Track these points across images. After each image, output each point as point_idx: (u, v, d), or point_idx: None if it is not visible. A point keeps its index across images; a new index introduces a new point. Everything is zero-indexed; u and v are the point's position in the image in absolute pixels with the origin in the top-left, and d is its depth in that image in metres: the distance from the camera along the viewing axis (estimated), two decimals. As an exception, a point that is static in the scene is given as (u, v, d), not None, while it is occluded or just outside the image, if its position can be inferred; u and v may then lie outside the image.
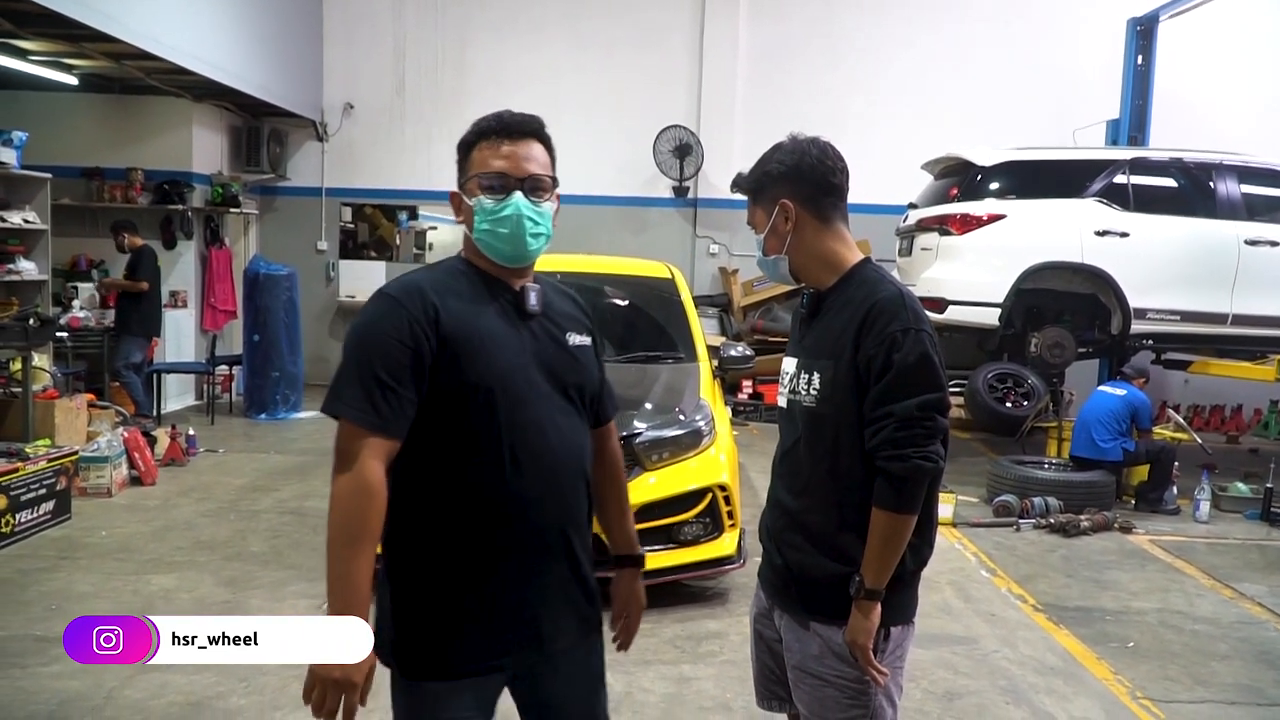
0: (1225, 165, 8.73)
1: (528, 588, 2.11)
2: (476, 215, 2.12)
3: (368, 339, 2.00)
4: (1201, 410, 11.76)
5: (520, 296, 2.15)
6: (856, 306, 2.21)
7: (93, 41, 8.54)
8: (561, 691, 2.24)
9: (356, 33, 12.86)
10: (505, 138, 2.13)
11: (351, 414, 1.95)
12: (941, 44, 12.46)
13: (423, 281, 2.08)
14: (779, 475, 2.42)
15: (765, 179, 2.34)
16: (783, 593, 2.36)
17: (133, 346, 9.43)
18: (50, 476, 6.29)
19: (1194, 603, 5.70)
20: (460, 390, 2.02)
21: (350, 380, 1.97)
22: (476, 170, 2.13)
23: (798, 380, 2.32)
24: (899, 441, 2.11)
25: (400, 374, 1.97)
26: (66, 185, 10.23)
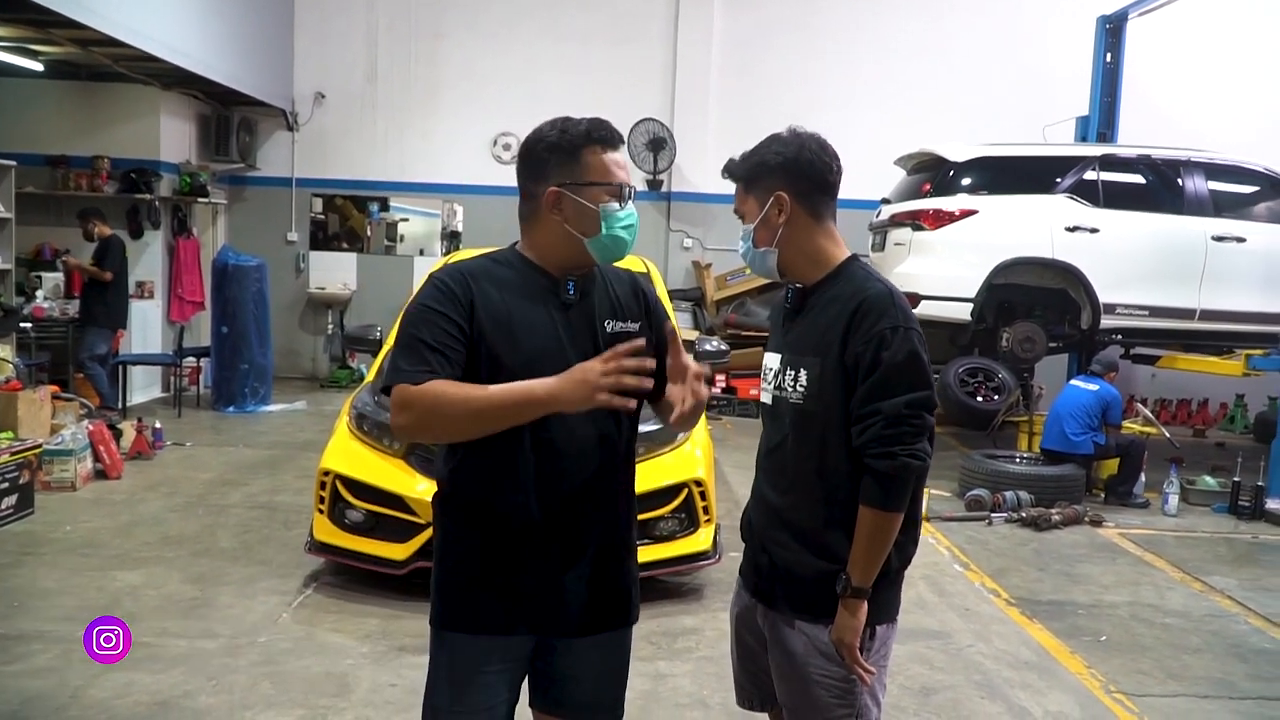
0: (1193, 162, 8.83)
1: (549, 567, 2.20)
2: (605, 220, 2.19)
3: (415, 315, 2.13)
4: (1168, 404, 11.88)
5: (559, 286, 2.22)
6: (844, 303, 2.20)
7: (60, 28, 8.39)
8: (575, 670, 2.30)
9: (328, 21, 12.71)
10: (613, 147, 2.24)
11: (408, 376, 2.05)
12: (914, 39, 12.49)
13: (465, 267, 2.20)
14: (763, 472, 2.40)
15: (761, 169, 2.30)
16: (767, 590, 2.34)
17: (98, 338, 9.29)
18: (13, 470, 6.18)
19: (1165, 596, 5.75)
20: (490, 374, 2.09)
21: (404, 353, 2.09)
22: (600, 177, 2.19)
23: (783, 377, 2.29)
24: (887, 439, 2.11)
25: (447, 340, 2.09)
26: (31, 173, 10.07)
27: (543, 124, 2.24)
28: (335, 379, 12.47)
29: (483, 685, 2.23)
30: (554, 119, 2.23)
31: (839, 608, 2.18)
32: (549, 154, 2.20)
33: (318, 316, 13.03)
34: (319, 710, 3.92)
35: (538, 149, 2.21)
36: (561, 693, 2.33)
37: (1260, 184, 9.06)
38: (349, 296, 12.84)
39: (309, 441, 8.87)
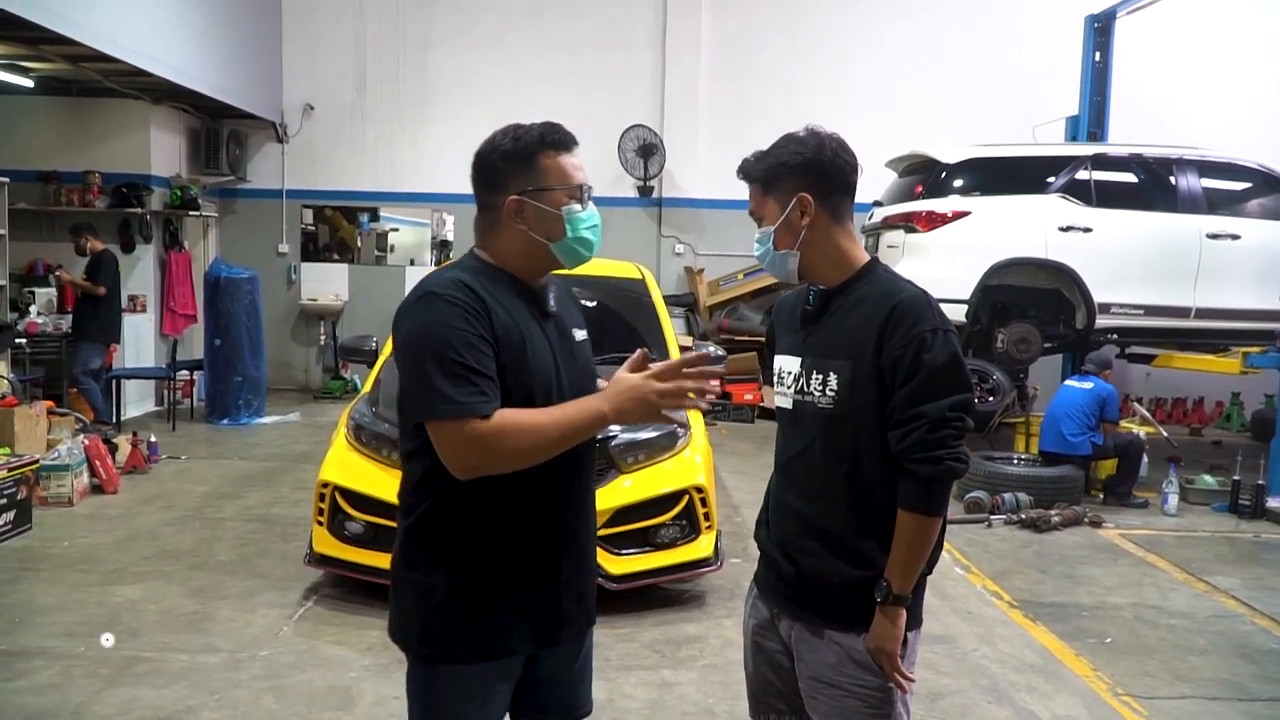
0: (1186, 160, 8.84)
1: (548, 581, 2.18)
2: (570, 223, 2.16)
3: (444, 336, 1.99)
4: (1164, 403, 11.92)
5: (540, 296, 2.22)
6: (874, 305, 2.16)
7: (50, 44, 8.37)
8: (555, 675, 2.31)
9: (316, 33, 12.70)
10: (568, 149, 2.20)
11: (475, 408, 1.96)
12: (904, 40, 12.52)
13: (464, 279, 2.09)
14: (786, 478, 2.32)
15: (781, 169, 2.24)
16: (793, 601, 2.28)
17: (91, 353, 9.25)
18: (11, 486, 6.14)
19: (1168, 597, 5.74)
20: (508, 394, 2.05)
21: (450, 378, 1.97)
22: (558, 181, 2.16)
23: (808, 381, 2.23)
24: (930, 443, 2.07)
25: (488, 365, 2.01)
26: (23, 189, 10.03)
27: (494, 134, 2.20)
28: (328, 390, 12.43)
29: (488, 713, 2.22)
30: (504, 127, 2.20)
31: (878, 616, 2.14)
32: (504, 162, 2.16)
33: (310, 328, 12.99)
34: (323, 724, 3.90)
35: (492, 159, 2.17)
36: (547, 698, 2.32)
37: (1254, 181, 9.07)
38: (341, 308, 12.81)
39: (304, 453, 8.84)
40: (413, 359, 2.02)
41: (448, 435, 1.99)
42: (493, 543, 2.13)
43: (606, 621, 4.87)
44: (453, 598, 2.13)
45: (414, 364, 2.01)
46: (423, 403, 1.99)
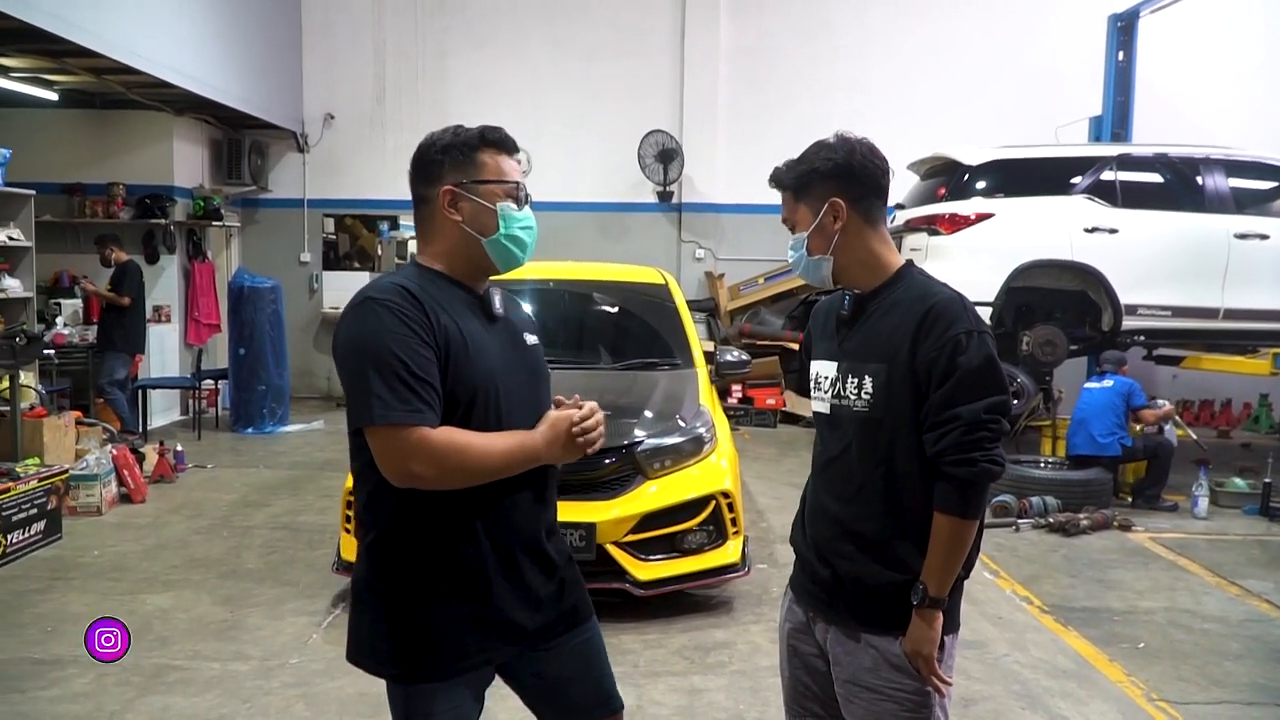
0: (1212, 159, 8.74)
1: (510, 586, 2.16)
2: (503, 220, 2.16)
3: (385, 343, 1.98)
4: (1190, 405, 11.80)
5: (485, 301, 2.22)
6: (908, 308, 2.17)
7: (74, 57, 8.44)
8: (563, 676, 2.31)
9: (336, 43, 12.77)
10: (507, 151, 2.21)
11: (414, 418, 1.96)
12: (923, 43, 12.48)
13: (402, 283, 2.08)
14: (824, 482, 2.32)
15: (813, 176, 2.26)
16: (829, 604, 2.28)
17: (116, 363, 9.31)
18: (41, 496, 6.19)
19: (1201, 601, 5.69)
20: (450, 395, 2.05)
21: (390, 385, 1.96)
22: (494, 175, 2.17)
23: (843, 385, 2.24)
24: (966, 445, 2.07)
25: (430, 370, 2.00)
26: (48, 202, 10.09)
27: (433, 132, 2.22)
28: (352, 398, 12.44)
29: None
30: (445, 128, 2.22)
31: (914, 619, 2.14)
32: (443, 155, 2.17)
33: (332, 336, 13.01)
34: (355, 732, 3.90)
35: (430, 152, 2.18)
36: (565, 697, 2.33)
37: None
38: (364, 316, 12.82)
39: (328, 461, 8.87)
40: (352, 367, 2.01)
41: (385, 441, 1.97)
42: (449, 557, 2.11)
43: (634, 627, 4.90)
44: (417, 616, 2.11)
45: (353, 372, 2.00)
46: (362, 409, 1.99)
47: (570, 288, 6.96)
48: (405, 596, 2.11)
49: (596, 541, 4.89)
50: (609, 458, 5.05)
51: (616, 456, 5.08)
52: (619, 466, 5.08)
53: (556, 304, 6.83)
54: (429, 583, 2.11)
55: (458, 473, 2.01)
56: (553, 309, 6.74)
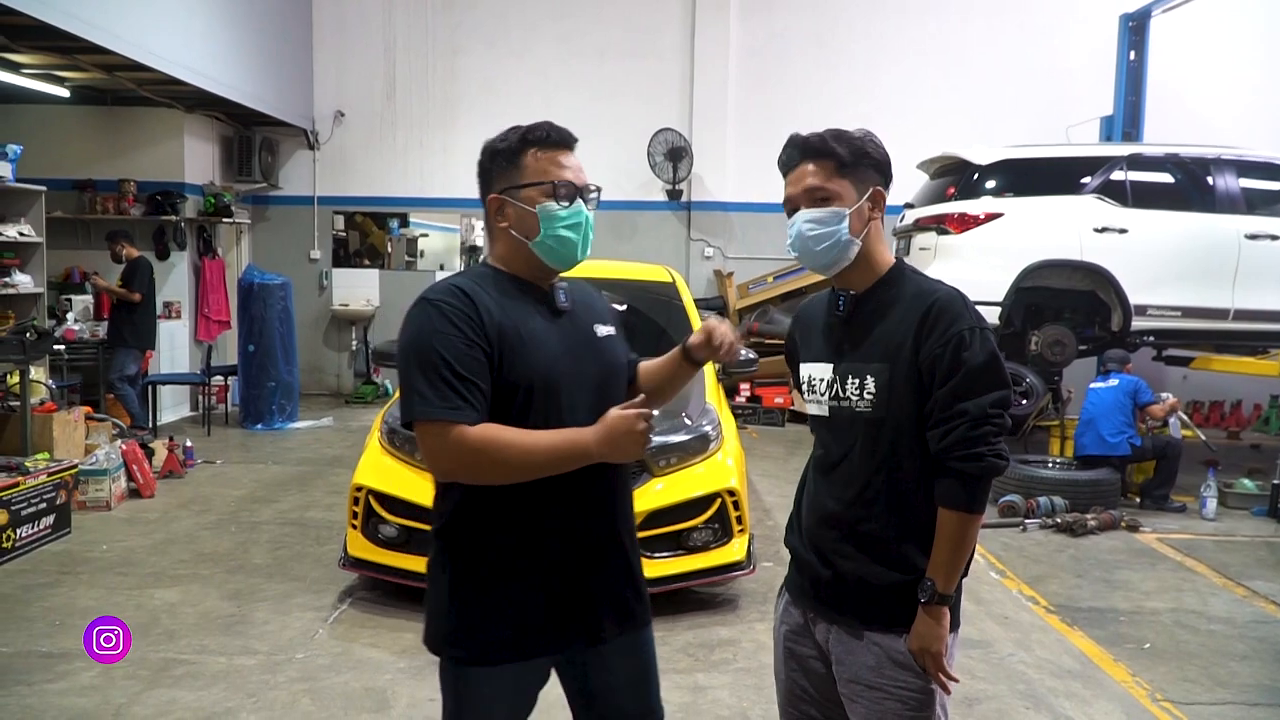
0: (1223, 160, 8.71)
1: (574, 581, 2.19)
2: (544, 221, 2.18)
3: (433, 342, 2.04)
4: (1200, 406, 11.74)
5: (550, 295, 2.25)
6: (908, 306, 2.16)
7: (85, 54, 8.47)
8: (610, 682, 2.31)
9: (347, 40, 12.80)
10: (559, 148, 2.22)
11: (454, 414, 2.01)
12: (933, 43, 12.45)
13: (459, 284, 2.14)
14: (825, 485, 2.29)
15: (864, 157, 2.22)
16: (831, 604, 2.26)
17: (127, 359, 9.35)
18: (50, 490, 6.22)
19: (1208, 602, 5.67)
20: (506, 388, 2.09)
21: (434, 384, 2.02)
22: (536, 178, 2.18)
23: (843, 386, 2.22)
24: (972, 440, 2.06)
25: (475, 369, 2.05)
26: (59, 198, 10.15)
27: (491, 137, 2.25)
28: (360, 395, 12.51)
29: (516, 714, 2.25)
30: (504, 130, 2.24)
31: (921, 616, 2.13)
32: (492, 161, 2.23)
33: (342, 333, 13.08)
34: (360, 727, 3.92)
35: (483, 159, 2.24)
36: (606, 707, 2.33)
37: (1293, 181, 8.94)
38: (372, 313, 12.89)
39: (337, 457, 8.90)
40: (403, 364, 2.09)
41: (426, 437, 2.04)
42: (517, 546, 2.15)
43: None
44: (478, 600, 2.16)
45: (404, 369, 2.08)
46: (407, 405, 2.06)
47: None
48: (465, 580, 2.17)
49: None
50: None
51: (622, 454, 5.08)
52: (625, 464, 5.08)
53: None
54: (489, 569, 2.15)
55: (495, 469, 2.05)
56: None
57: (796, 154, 2.25)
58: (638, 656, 2.35)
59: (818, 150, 2.22)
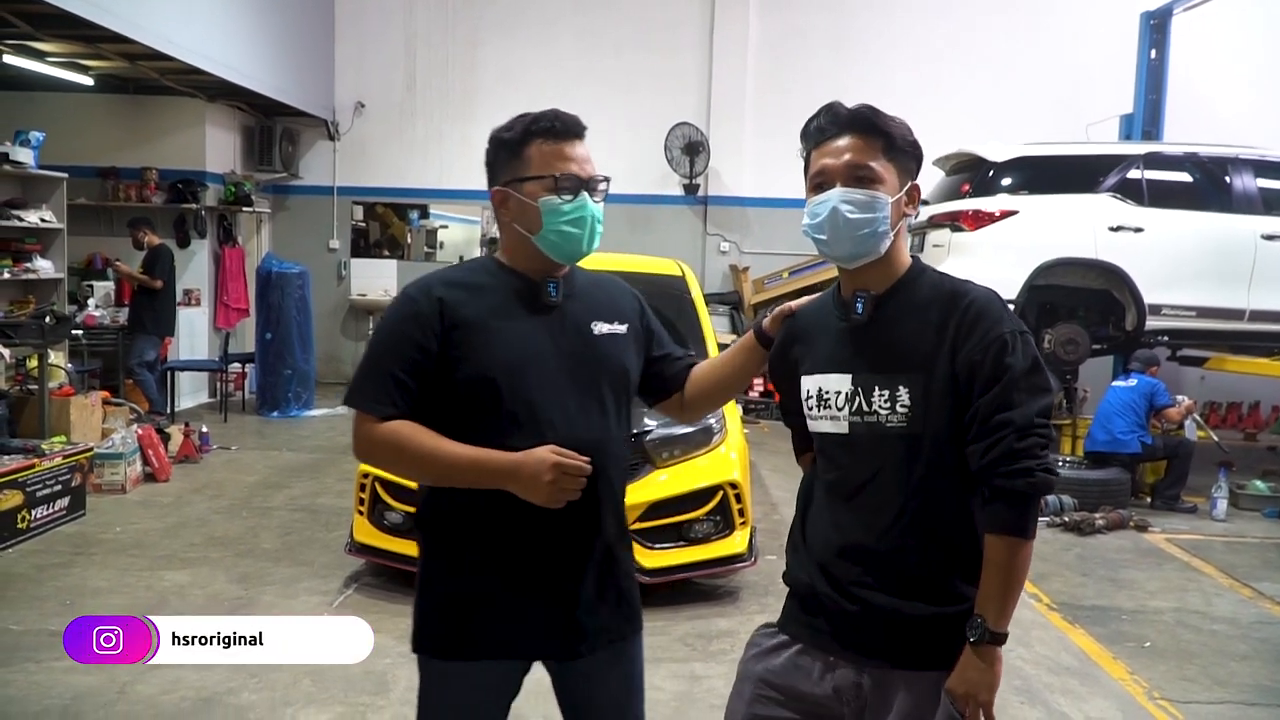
0: (1242, 159, 8.65)
1: (548, 588, 2.14)
2: (546, 215, 2.13)
3: (383, 336, 2.14)
4: (1217, 407, 11.67)
5: (539, 289, 2.18)
6: (941, 308, 1.96)
7: (108, 43, 8.59)
8: (595, 693, 2.27)
9: (367, 31, 12.87)
10: (565, 139, 2.15)
11: (369, 407, 2.09)
12: (952, 40, 12.39)
13: (438, 277, 2.18)
14: (845, 513, 2.02)
15: (911, 146, 2.04)
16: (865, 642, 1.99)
17: (146, 345, 9.46)
18: (66, 473, 6.32)
19: (1212, 602, 5.66)
20: (469, 381, 2.09)
21: (368, 376, 2.12)
22: (540, 170, 2.13)
23: (868, 400, 1.97)
24: (1019, 454, 1.84)
25: (410, 368, 2.09)
26: (82, 185, 10.28)
27: (498, 126, 2.20)
28: (377, 384, 12.57)
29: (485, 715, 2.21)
30: (513, 118, 2.19)
31: (970, 658, 1.88)
32: (497, 153, 2.19)
33: (359, 323, 13.17)
34: (358, 707, 3.98)
35: (489, 150, 2.21)
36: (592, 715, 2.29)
37: (1313, 181, 8.86)
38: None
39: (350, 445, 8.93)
40: (367, 346, 2.21)
41: (354, 422, 2.13)
42: (484, 542, 2.11)
43: (639, 614, 4.93)
44: (443, 592, 2.15)
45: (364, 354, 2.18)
46: (348, 390, 2.15)
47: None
48: (438, 573, 2.17)
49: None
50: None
51: (625, 445, 5.13)
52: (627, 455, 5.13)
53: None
54: (456, 562, 2.15)
55: (395, 466, 2.23)
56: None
57: (839, 124, 2.02)
58: (624, 666, 2.29)
59: (868, 124, 2.00)
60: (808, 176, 2.07)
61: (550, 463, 1.99)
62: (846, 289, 2.07)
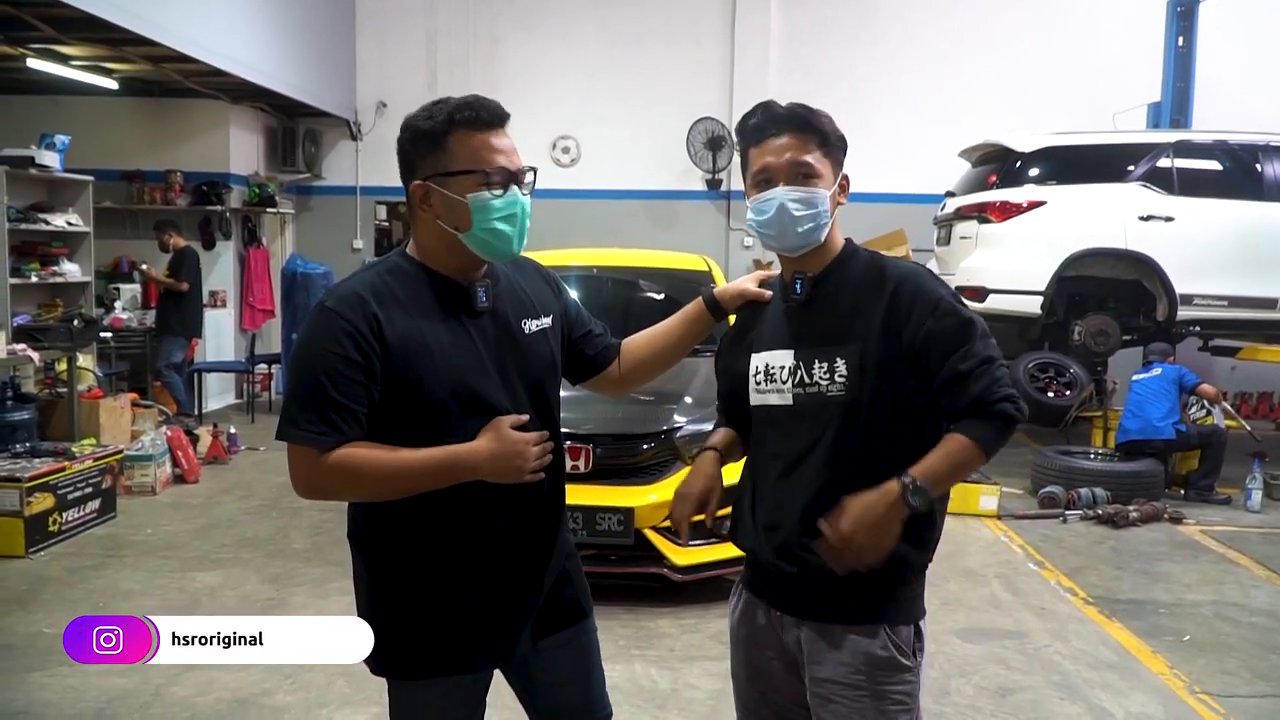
0: (1272, 146, 8.54)
1: (487, 593, 2.09)
2: (476, 213, 2.00)
3: (314, 358, 1.93)
4: (1249, 397, 11.53)
5: (469, 295, 2.07)
6: (872, 285, 2.09)
7: (133, 45, 8.62)
8: (553, 678, 2.25)
9: (388, 31, 12.87)
10: (489, 128, 2.03)
11: (312, 439, 1.91)
12: (977, 30, 12.24)
13: (361, 289, 1.98)
14: (785, 482, 2.13)
15: (840, 140, 2.17)
16: (799, 602, 2.14)
17: (174, 346, 9.51)
18: (96, 475, 6.36)
19: (1249, 594, 5.58)
20: (411, 402, 1.98)
21: (304, 403, 1.92)
22: (466, 164, 2.00)
23: (808, 372, 2.10)
24: (1001, 382, 1.99)
25: (350, 391, 1.92)
26: (107, 188, 10.34)
27: (412, 114, 2.06)
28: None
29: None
30: (429, 103, 2.05)
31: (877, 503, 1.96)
32: (415, 144, 2.03)
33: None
34: (393, 709, 3.97)
35: (404, 140, 2.05)
36: (553, 702, 2.28)
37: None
38: (414, 302, 12.97)
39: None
40: (288, 371, 2.02)
41: (291, 457, 1.95)
42: (434, 553, 2.05)
43: (672, 612, 4.94)
44: (400, 610, 2.08)
45: (287, 376, 2.01)
46: (280, 421, 1.96)
47: (614, 274, 6.97)
48: (384, 590, 2.09)
49: (635, 526, 4.93)
50: (647, 443, 5.10)
51: (655, 442, 5.12)
52: (658, 451, 5.12)
53: (600, 291, 6.85)
54: (408, 578, 2.07)
55: (353, 491, 2.01)
56: (596, 296, 6.76)
57: (777, 122, 2.13)
58: (578, 652, 2.28)
59: (804, 123, 2.13)
60: (748, 173, 2.20)
61: (526, 439, 1.98)
62: (786, 272, 2.23)
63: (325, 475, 1.93)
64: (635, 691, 4.16)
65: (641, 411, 5.25)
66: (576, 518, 4.77)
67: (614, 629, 4.71)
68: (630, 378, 2.43)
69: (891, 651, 2.06)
